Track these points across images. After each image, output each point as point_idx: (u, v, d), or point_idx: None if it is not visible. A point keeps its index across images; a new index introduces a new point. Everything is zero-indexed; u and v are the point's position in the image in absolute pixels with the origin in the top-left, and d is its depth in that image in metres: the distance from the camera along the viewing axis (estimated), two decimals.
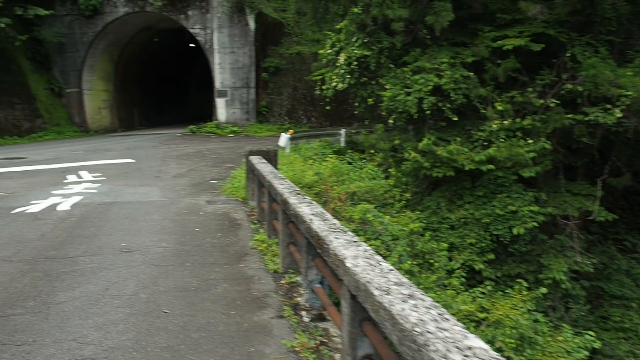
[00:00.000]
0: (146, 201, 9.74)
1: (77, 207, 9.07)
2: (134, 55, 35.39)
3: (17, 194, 10.87)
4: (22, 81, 29.47)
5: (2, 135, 26.87)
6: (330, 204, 11.09)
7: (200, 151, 19.29)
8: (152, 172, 14.12)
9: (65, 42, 30.59)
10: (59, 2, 30.31)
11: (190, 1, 28.80)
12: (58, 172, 14.09)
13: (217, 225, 7.73)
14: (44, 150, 20.39)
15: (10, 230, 7.42)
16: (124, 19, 30.10)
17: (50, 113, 30.59)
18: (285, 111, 31.20)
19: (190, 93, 49.09)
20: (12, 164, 16.01)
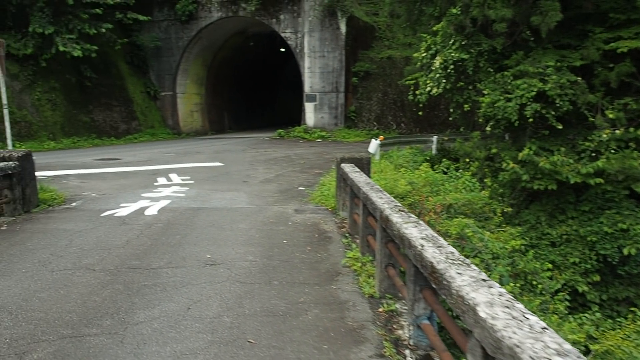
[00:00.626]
0: (233, 208, 9.40)
1: (164, 212, 8.87)
2: (226, 59, 36.03)
3: (108, 195, 10.90)
4: (121, 84, 30.69)
5: (100, 136, 28.05)
6: (425, 217, 10.32)
7: (288, 156, 19.02)
8: (240, 176, 13.91)
9: (162, 46, 31.59)
10: (157, 7, 31.32)
11: (283, 5, 28.83)
12: (149, 174, 14.20)
13: (306, 238, 7.19)
14: (138, 151, 20.91)
15: (97, 234, 7.25)
16: (218, 24, 30.63)
17: (145, 115, 31.66)
18: (374, 116, 30.53)
19: (279, 97, 49.58)
20: (107, 164, 16.39)
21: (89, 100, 28.64)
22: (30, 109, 25.68)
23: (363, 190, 6.11)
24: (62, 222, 8.18)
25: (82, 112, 28.10)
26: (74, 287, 5.07)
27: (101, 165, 16.11)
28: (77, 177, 13.79)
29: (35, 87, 26.15)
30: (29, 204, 9.15)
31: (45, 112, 26.23)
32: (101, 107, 29.30)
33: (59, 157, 18.93)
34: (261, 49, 37.52)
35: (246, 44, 34.40)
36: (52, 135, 25.95)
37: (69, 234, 7.31)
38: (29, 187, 9.20)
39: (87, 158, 18.20)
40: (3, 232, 7.50)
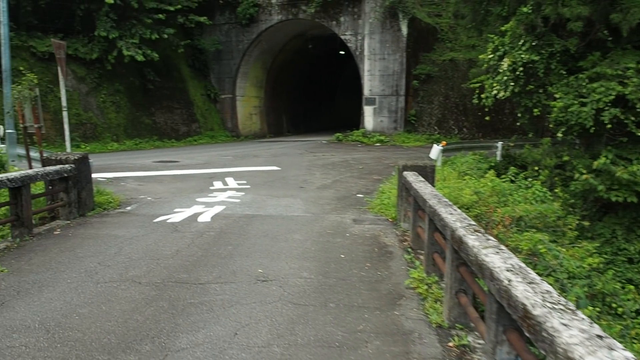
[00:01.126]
0: (288, 216, 8.99)
1: (217, 219, 8.55)
2: (285, 62, 35.95)
3: (163, 199, 10.73)
4: (182, 87, 31.07)
5: (161, 138, 28.44)
6: (492, 230, 9.58)
7: (346, 160, 18.53)
8: (297, 181, 13.52)
9: (222, 49, 31.79)
10: (219, 11, 31.55)
11: (343, 7, 28.42)
12: (205, 178, 14.03)
13: (365, 252, 6.67)
14: (197, 154, 20.95)
15: (147, 242, 6.97)
16: (277, 27, 30.54)
17: (205, 118, 31.94)
18: (435, 121, 29.62)
19: (337, 100, 49.21)
20: (166, 167, 16.39)
21: (151, 102, 29.13)
22: (95, 111, 26.30)
23: (430, 204, 5.54)
24: (114, 227, 7.99)
25: (145, 114, 28.60)
26: (116, 303, 4.75)
27: (159, 168, 16.12)
28: (135, 180, 13.78)
29: (101, 90, 26.78)
30: (84, 208, 9.05)
31: (110, 114, 26.82)
32: (163, 110, 29.73)
33: (120, 159, 19.16)
34: (320, 51, 37.24)
35: (305, 47, 34.18)
36: (115, 137, 26.50)
37: (120, 240, 7.08)
38: (85, 191, 9.10)
39: (147, 160, 18.32)
40: (55, 237, 7.35)
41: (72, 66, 25.96)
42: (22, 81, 9.71)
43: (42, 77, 24.68)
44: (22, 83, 9.64)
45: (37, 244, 6.96)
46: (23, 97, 9.49)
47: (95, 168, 15.91)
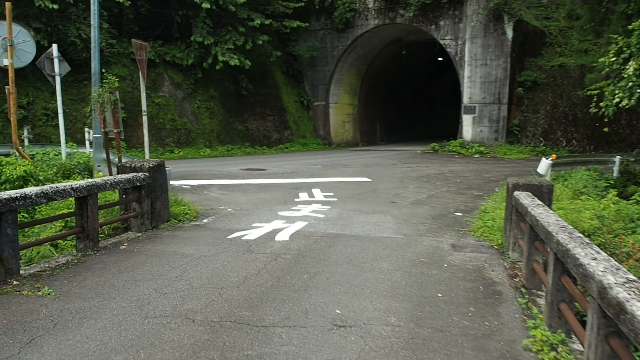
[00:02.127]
0: (377, 237, 7.90)
1: (296, 239, 7.63)
2: (380, 69, 34.88)
3: (243, 211, 10.01)
4: (276, 94, 30.84)
5: (253, 144, 28.27)
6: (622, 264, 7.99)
7: (442, 173, 17.14)
8: (388, 195, 12.40)
9: (317, 56, 31.25)
10: (315, 17, 31.08)
11: (443, 10, 26.94)
12: (291, 188, 13.25)
13: (467, 291, 5.46)
14: (286, 162, 20.34)
15: (215, 265, 6.16)
16: (374, 32, 29.56)
17: (297, 125, 31.52)
18: (540, 131, 27.33)
19: (433, 109, 47.42)
20: (252, 175, 15.83)
21: (244, 109, 29.08)
22: (190, 116, 26.55)
23: (559, 240, 4.26)
24: (184, 243, 7.28)
25: (238, 120, 28.58)
26: (159, 349, 3.89)
27: (245, 176, 15.58)
28: (219, 188, 13.25)
29: (196, 96, 27.02)
30: (158, 219, 8.46)
31: (204, 120, 26.99)
32: (256, 116, 29.62)
33: (209, 165, 18.91)
34: (417, 58, 35.76)
35: (401, 53, 32.89)
36: (208, 143, 26.61)
37: (186, 261, 6.32)
38: (160, 201, 8.52)
39: (234, 167, 17.90)
40: (119, 254, 6.72)
41: (170, 72, 26.40)
42: (103, 84, 9.36)
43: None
44: (102, 86, 9.28)
45: (98, 261, 6.34)
46: (103, 100, 9.13)
47: (181, 174, 15.67)
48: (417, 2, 26.90)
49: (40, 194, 6.02)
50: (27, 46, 12.95)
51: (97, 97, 9.14)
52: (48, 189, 6.18)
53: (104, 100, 9.16)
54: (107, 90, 9.14)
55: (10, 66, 12.43)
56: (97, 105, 9.26)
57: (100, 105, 9.32)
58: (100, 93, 9.13)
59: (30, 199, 5.88)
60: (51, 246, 7.49)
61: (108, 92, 9.15)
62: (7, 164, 11.46)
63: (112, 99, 9.21)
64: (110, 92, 9.17)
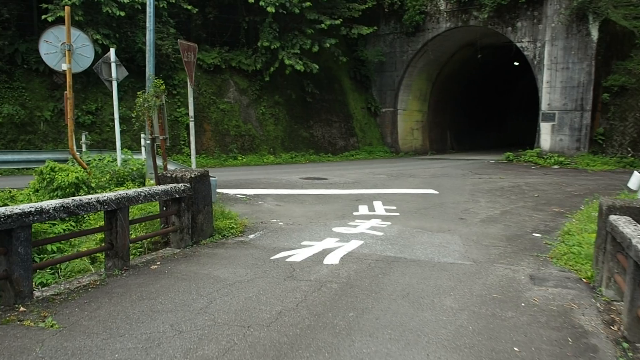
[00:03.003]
0: (441, 262, 6.85)
1: (348, 262, 6.71)
2: (452, 74, 33.37)
3: (295, 226, 9.20)
4: (342, 100, 30.05)
5: (318, 152, 27.57)
6: None
7: (517, 185, 15.70)
8: (456, 210, 11.25)
9: (385, 61, 30.22)
10: (384, 21, 30.08)
11: (520, 11, 25.24)
12: (351, 200, 12.35)
13: (552, 344, 4.35)
14: (348, 171, 19.44)
15: (248, 294, 5.35)
16: (445, 35, 28.20)
17: (364, 132, 30.58)
18: (628, 141, 25.03)
19: (508, 116, 45.11)
20: (312, 185, 15.05)
21: (309, 115, 28.46)
22: (254, 122, 26.19)
23: None
24: (221, 264, 6.53)
25: (303, 127, 27.98)
26: None
27: (304, 186, 14.81)
28: (275, 199, 12.54)
29: (261, 102, 26.65)
30: (199, 234, 7.78)
31: (268, 126, 26.56)
32: (321, 123, 28.93)
33: (270, 173, 18.32)
34: (491, 62, 33.98)
35: (474, 57, 31.22)
36: (272, 150, 26.14)
37: (217, 287, 5.55)
38: (202, 214, 7.83)
39: (295, 176, 17.18)
40: (147, 275, 6.05)
41: (235, 78, 26.17)
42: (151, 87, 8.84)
43: (207, 88, 25.13)
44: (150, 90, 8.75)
45: (121, 284, 5.69)
46: (149, 105, 8.60)
47: (239, 183, 15.11)
48: (493, 2, 25.36)
49: (59, 208, 5.43)
50: (85, 51, 12.77)
51: (142, 101, 8.61)
52: (70, 202, 5.58)
53: (151, 105, 8.61)
54: (153, 95, 8.59)
55: (68, 71, 12.25)
56: (142, 111, 8.72)
57: (147, 110, 8.79)
58: (146, 97, 8.59)
59: (47, 214, 5.29)
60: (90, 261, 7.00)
61: (154, 97, 8.60)
62: (59, 170, 11.22)
63: (157, 104, 8.65)
64: (156, 97, 8.61)
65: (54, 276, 6.80)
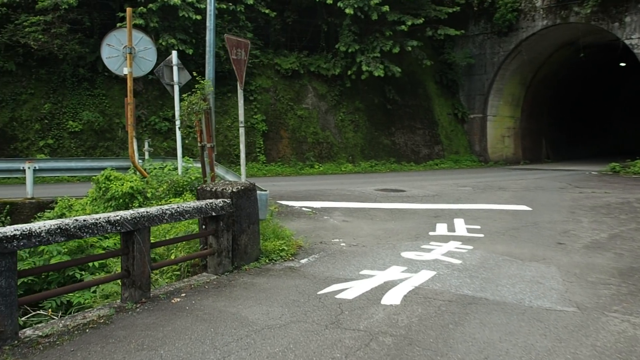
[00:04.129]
0: (533, 307, 5.33)
1: (411, 303, 5.35)
2: (548, 76, 30.73)
3: (358, 248, 7.94)
4: (427, 106, 28.39)
5: (400, 160, 26.09)
6: None
7: (627, 202, 13.51)
8: (553, 232, 9.50)
9: (474, 63, 28.23)
10: (473, 21, 28.16)
11: (630, 4, 22.49)
12: (429, 217, 10.90)
13: None
14: (430, 182, 17.85)
15: (274, 349, 4.14)
16: (542, 34, 25.83)
17: (450, 140, 28.71)
18: None
19: (612, 122, 41.26)
20: (387, 198, 13.70)
21: (391, 122, 27.04)
22: (332, 129, 25.16)
23: None
24: (256, 299, 5.38)
25: (384, 134, 26.60)
26: None
27: (378, 199, 13.49)
28: (343, 213, 11.33)
29: (340, 108, 25.59)
30: (242, 258, 6.70)
31: (347, 133, 25.44)
32: (404, 130, 27.41)
33: (344, 183, 17.14)
34: (592, 63, 30.89)
35: (574, 58, 28.45)
36: (351, 158, 24.98)
37: (240, 335, 4.40)
38: (246, 235, 6.75)
39: (370, 187, 15.88)
40: (162, 312, 5.01)
41: (314, 83, 25.28)
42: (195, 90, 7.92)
43: (284, 94, 24.40)
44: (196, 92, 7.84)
45: (128, 324, 4.68)
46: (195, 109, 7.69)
47: (308, 194, 14.03)
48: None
49: (55, 231, 4.50)
50: (148, 54, 12.18)
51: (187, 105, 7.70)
52: (70, 223, 4.64)
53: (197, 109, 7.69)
54: (199, 97, 7.66)
55: (129, 75, 11.71)
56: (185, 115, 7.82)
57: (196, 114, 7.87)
58: (192, 101, 7.67)
59: (38, 238, 4.37)
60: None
61: (201, 100, 7.66)
62: (115, 179, 10.62)
63: (204, 107, 7.71)
64: (202, 99, 7.67)
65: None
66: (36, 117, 19.73)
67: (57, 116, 20.04)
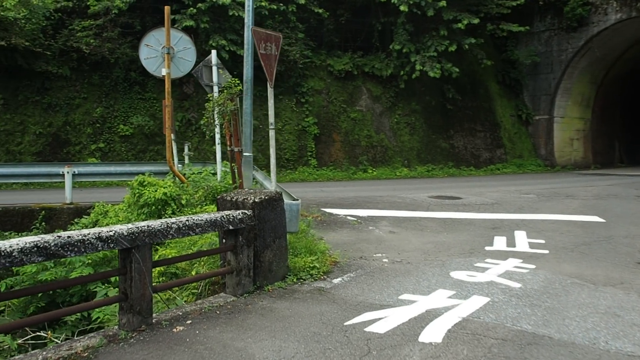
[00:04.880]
0: (610, 353, 4.27)
1: (455, 342, 4.38)
2: (622, 74, 28.56)
3: (402, 265, 7.03)
4: (488, 107, 26.90)
5: (458, 164, 24.79)
6: None
7: None
8: (631, 249, 8.24)
9: (539, 61, 26.52)
10: (538, 16, 26.49)
11: None
12: (486, 229, 9.82)
13: None
14: (489, 188, 16.58)
15: None
16: (615, 29, 23.91)
17: (513, 143, 27.08)
18: None
19: None
20: (441, 206, 12.64)
21: (450, 124, 25.74)
22: (387, 132, 24.18)
23: None
24: (269, 330, 4.58)
25: (442, 137, 25.34)
26: None
27: (431, 207, 12.46)
28: (391, 223, 10.41)
29: (395, 110, 24.57)
30: (265, 276, 5.92)
31: (403, 136, 24.37)
32: (463, 132, 26.04)
33: (396, 189, 16.16)
34: None
35: None
36: (406, 162, 23.89)
37: None
38: (270, 251, 5.97)
39: (423, 194, 14.83)
40: (155, 346, 4.27)
41: (368, 85, 24.39)
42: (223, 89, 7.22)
43: (337, 96, 23.62)
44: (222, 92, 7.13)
45: (115, 358, 3.98)
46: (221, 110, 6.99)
47: (356, 201, 13.16)
48: None
49: (31, 250, 3.85)
50: (187, 54, 11.65)
51: (213, 106, 7.02)
52: (49, 240, 3.99)
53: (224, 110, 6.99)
54: (226, 97, 6.95)
55: (167, 76, 11.20)
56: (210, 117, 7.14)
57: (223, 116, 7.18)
58: (217, 101, 6.97)
59: (9, 258, 3.74)
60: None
61: (227, 100, 6.96)
62: (148, 184, 10.12)
63: (231, 108, 7.00)
64: (230, 99, 6.97)
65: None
66: (88, 121, 19.79)
67: (109, 120, 20.04)
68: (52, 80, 19.68)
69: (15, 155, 18.59)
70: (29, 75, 19.23)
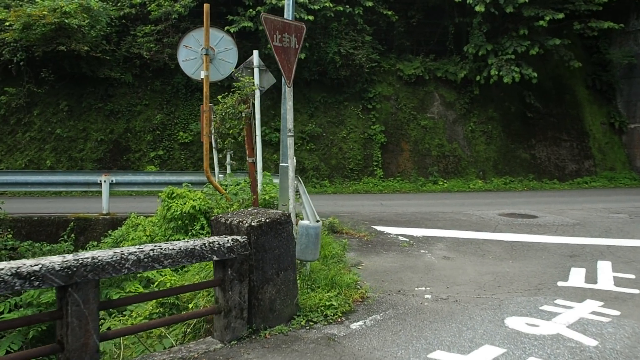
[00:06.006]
0: None
1: None
2: None
3: (446, 304, 5.69)
4: (575, 114, 24.46)
5: (540, 177, 22.59)
6: None
7: None
8: None
9: (636, 63, 23.84)
10: (635, 14, 23.82)
11: None
12: (561, 257, 8.21)
13: None
14: (572, 205, 14.58)
15: None
16: None
17: (603, 154, 24.44)
18: None
19: None
20: (509, 226, 11.01)
21: (531, 132, 23.55)
22: (461, 141, 22.44)
23: None
24: None
25: (522, 147, 23.22)
26: None
27: (499, 227, 10.86)
28: (448, 245, 9.00)
29: (470, 117, 22.78)
30: (265, 317, 4.78)
31: (478, 145, 22.53)
32: (546, 142, 23.76)
33: (465, 204, 14.59)
34: None
35: None
36: (481, 173, 22.03)
37: None
38: (272, 285, 4.83)
39: (493, 210, 13.18)
40: None
41: (441, 90, 22.79)
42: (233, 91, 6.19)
43: (407, 102, 22.21)
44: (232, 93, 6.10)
45: None
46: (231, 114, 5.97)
47: (414, 218, 11.76)
48: None
49: None
50: (228, 55, 10.72)
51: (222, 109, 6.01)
52: None
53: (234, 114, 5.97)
54: (237, 100, 5.92)
55: (205, 79, 10.35)
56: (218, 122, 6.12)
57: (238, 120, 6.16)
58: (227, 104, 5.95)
59: None
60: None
61: (240, 102, 5.92)
62: (177, 197, 9.31)
63: (244, 112, 5.95)
64: (242, 102, 5.92)
65: None
66: (149, 128, 19.54)
67: (169, 127, 19.71)
68: (115, 87, 19.61)
69: (77, 162, 18.59)
70: (93, 82, 19.25)
